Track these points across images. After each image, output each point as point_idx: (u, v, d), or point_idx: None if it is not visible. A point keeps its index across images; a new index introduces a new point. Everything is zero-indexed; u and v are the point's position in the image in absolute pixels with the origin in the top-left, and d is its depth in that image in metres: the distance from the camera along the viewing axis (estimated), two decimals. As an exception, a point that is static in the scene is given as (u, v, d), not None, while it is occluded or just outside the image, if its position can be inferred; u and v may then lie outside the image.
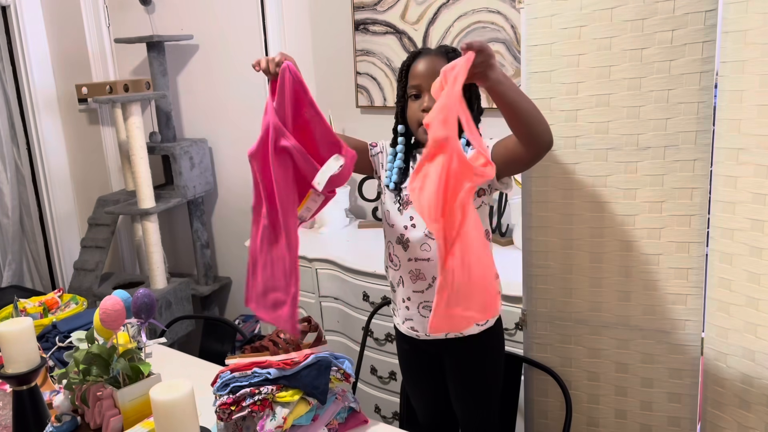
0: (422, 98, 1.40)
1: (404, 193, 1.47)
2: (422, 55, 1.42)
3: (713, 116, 1.39)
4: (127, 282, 3.06)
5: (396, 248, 1.48)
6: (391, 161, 1.50)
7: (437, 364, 1.56)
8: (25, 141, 3.34)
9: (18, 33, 3.14)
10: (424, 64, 1.40)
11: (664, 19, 1.38)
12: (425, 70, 1.39)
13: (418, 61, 1.41)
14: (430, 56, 1.40)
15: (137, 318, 1.38)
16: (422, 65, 1.40)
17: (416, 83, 1.40)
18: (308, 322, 1.37)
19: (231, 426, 1.28)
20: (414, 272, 1.46)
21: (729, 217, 1.39)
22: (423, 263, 1.45)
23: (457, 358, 1.52)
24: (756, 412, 1.40)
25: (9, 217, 3.34)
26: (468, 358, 1.51)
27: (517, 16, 2.15)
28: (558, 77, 1.51)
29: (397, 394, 2.02)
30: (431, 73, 1.36)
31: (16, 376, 1.28)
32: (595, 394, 1.65)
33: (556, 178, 1.56)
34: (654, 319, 1.54)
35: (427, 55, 1.41)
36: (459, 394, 1.56)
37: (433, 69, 1.36)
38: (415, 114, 1.41)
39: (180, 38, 2.83)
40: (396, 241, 1.48)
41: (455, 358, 1.52)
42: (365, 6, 2.53)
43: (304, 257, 2.34)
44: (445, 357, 1.54)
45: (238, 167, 2.96)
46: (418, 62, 1.41)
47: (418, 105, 1.40)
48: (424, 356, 1.56)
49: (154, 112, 2.94)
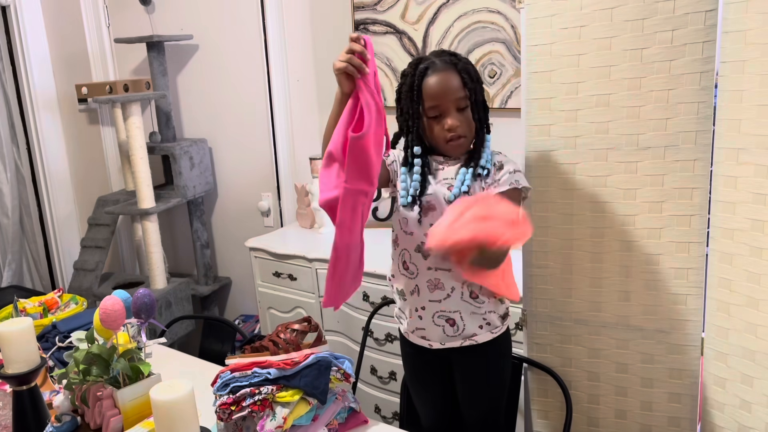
0: (444, 118, 1.37)
1: (425, 200, 1.42)
2: (432, 71, 1.37)
3: (713, 116, 1.39)
4: (127, 282, 3.06)
5: (414, 256, 1.45)
6: (405, 180, 1.44)
7: (446, 369, 1.55)
8: (25, 141, 3.34)
9: (18, 33, 3.14)
10: (440, 83, 1.36)
11: (664, 19, 1.38)
12: (443, 90, 1.36)
13: (429, 77, 1.36)
14: (441, 72, 1.36)
15: (137, 318, 1.38)
16: (437, 84, 1.36)
17: (436, 104, 1.37)
18: (308, 322, 1.37)
19: (231, 426, 1.28)
20: (433, 281, 1.44)
21: (729, 217, 1.39)
22: (443, 273, 1.43)
23: (469, 365, 1.51)
24: (756, 412, 1.40)
25: (9, 217, 3.34)
26: (481, 365, 1.51)
27: (517, 16, 2.15)
28: (558, 77, 1.51)
29: (397, 394, 2.02)
30: (447, 90, 1.35)
31: (16, 376, 1.28)
32: (595, 394, 1.65)
33: (556, 178, 1.56)
34: (654, 319, 1.54)
35: (438, 72, 1.37)
36: (470, 400, 1.55)
37: (449, 86, 1.35)
38: (442, 134, 1.39)
39: (180, 38, 2.83)
40: (415, 249, 1.45)
41: (467, 364, 1.52)
42: (365, 6, 2.53)
43: (304, 257, 2.34)
44: (455, 363, 1.53)
45: (238, 167, 2.96)
46: (430, 79, 1.36)
47: (442, 126, 1.38)
48: (434, 362, 1.54)
49: (154, 112, 2.94)
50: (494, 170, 1.42)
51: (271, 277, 2.48)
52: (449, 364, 1.54)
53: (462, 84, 1.37)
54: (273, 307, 2.53)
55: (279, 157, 2.78)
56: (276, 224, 2.88)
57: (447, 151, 1.43)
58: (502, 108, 2.28)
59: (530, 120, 1.57)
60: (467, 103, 1.38)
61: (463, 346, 1.48)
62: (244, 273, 3.04)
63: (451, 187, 1.41)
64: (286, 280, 2.43)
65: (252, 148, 2.86)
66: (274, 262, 2.45)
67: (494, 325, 1.48)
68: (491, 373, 1.53)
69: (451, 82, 1.36)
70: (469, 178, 1.40)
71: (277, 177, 2.81)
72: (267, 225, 2.91)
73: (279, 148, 2.78)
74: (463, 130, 1.38)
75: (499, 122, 2.33)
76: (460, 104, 1.37)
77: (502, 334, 1.51)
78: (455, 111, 1.37)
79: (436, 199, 1.42)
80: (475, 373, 1.52)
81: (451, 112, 1.37)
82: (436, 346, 1.49)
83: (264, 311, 2.57)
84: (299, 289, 2.41)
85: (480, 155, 1.42)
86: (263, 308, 2.57)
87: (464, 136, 1.40)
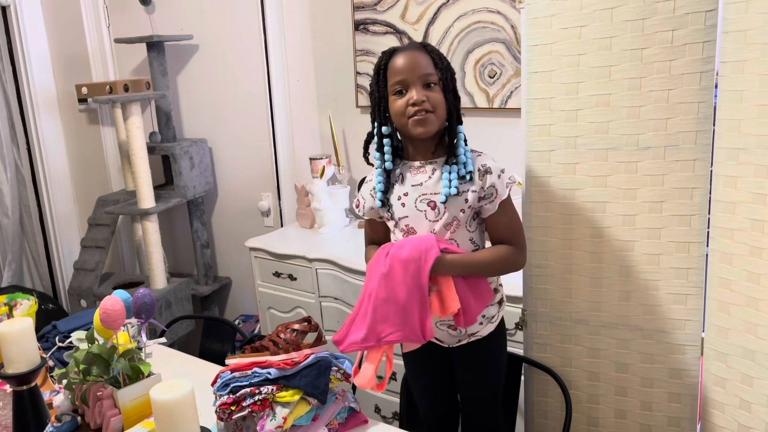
0: (409, 92, 1.35)
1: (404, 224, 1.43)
2: (399, 52, 1.38)
3: (713, 116, 1.39)
4: (127, 282, 3.06)
5: None
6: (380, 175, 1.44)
7: (446, 359, 1.56)
8: (25, 141, 3.34)
9: (18, 33, 3.14)
10: (405, 59, 1.36)
11: (664, 19, 1.38)
12: (408, 63, 1.35)
13: (396, 57, 1.37)
14: (408, 51, 1.37)
15: (137, 318, 1.38)
16: (403, 60, 1.36)
17: (400, 78, 1.35)
18: (308, 322, 1.37)
19: (231, 426, 1.28)
20: None
21: (729, 217, 1.39)
22: None
23: (469, 357, 1.52)
24: (756, 412, 1.40)
25: (9, 217, 3.34)
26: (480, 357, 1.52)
27: (517, 16, 2.15)
28: (558, 77, 1.51)
29: (397, 394, 2.02)
30: (414, 66, 1.34)
31: (16, 376, 1.28)
32: (595, 394, 1.65)
33: (557, 178, 1.56)
34: (654, 319, 1.54)
35: (405, 51, 1.37)
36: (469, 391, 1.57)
37: (416, 61, 1.34)
38: (403, 108, 1.36)
39: (180, 38, 2.83)
40: None
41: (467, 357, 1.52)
42: (365, 6, 2.53)
43: (304, 257, 2.34)
44: (455, 354, 1.54)
45: (238, 167, 2.96)
46: (396, 59, 1.37)
47: (406, 99, 1.35)
48: (436, 354, 1.55)
49: (154, 112, 2.94)
50: (479, 176, 1.37)
51: (271, 277, 2.48)
52: (450, 354, 1.55)
53: (432, 63, 1.36)
54: (273, 307, 2.53)
55: (279, 157, 2.78)
56: (276, 224, 2.88)
57: (413, 132, 1.37)
58: (502, 108, 2.28)
59: (530, 120, 1.57)
60: (437, 81, 1.36)
61: (469, 342, 1.50)
62: (244, 273, 3.04)
63: (431, 202, 1.39)
64: (286, 280, 2.43)
65: (252, 148, 2.86)
66: (274, 262, 2.45)
67: (490, 315, 1.49)
68: (489, 360, 1.54)
69: (419, 59, 1.35)
70: (455, 177, 1.36)
71: (277, 177, 2.81)
72: (267, 225, 2.91)
73: (279, 148, 2.77)
74: (430, 105, 1.34)
75: (499, 122, 2.35)
76: (427, 80, 1.35)
77: (498, 328, 1.52)
78: (421, 86, 1.34)
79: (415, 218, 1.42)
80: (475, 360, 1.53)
81: (417, 87, 1.34)
82: (446, 346, 1.52)
83: (264, 311, 2.57)
84: (299, 289, 2.41)
85: (455, 150, 1.38)
86: (263, 308, 2.57)
87: (431, 111, 1.35)
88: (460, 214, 1.38)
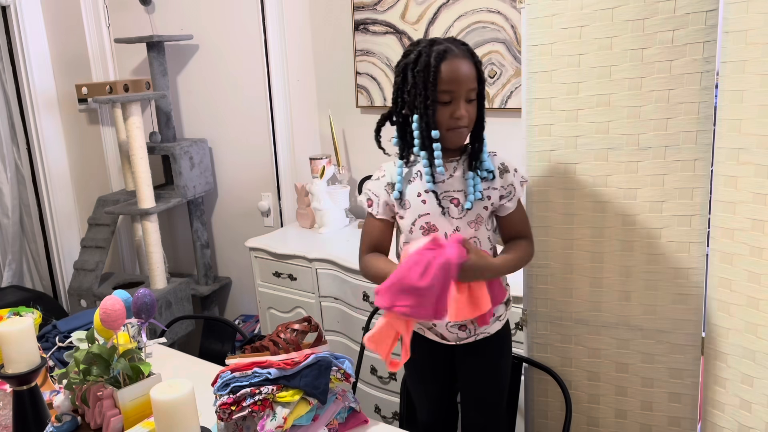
0: (454, 103, 1.33)
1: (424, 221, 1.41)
2: (451, 57, 1.31)
3: (714, 116, 1.39)
4: (127, 282, 3.06)
5: None
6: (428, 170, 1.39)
7: (448, 364, 1.55)
8: (25, 141, 3.33)
9: (18, 33, 3.14)
10: (458, 69, 1.31)
11: (664, 19, 1.38)
12: (460, 75, 1.31)
13: (448, 63, 1.31)
14: (459, 59, 1.32)
15: (137, 318, 1.38)
16: (455, 70, 1.31)
17: (451, 89, 1.31)
18: (308, 322, 1.37)
19: (231, 426, 1.28)
20: None
21: (729, 217, 1.39)
22: None
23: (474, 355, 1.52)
24: (756, 412, 1.40)
25: (9, 217, 3.34)
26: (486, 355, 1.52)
27: (517, 16, 2.15)
28: (558, 77, 1.51)
29: (397, 394, 2.02)
30: (465, 79, 1.32)
31: (16, 376, 1.28)
32: (595, 394, 1.65)
33: (557, 177, 1.56)
34: (654, 319, 1.54)
35: (456, 58, 1.32)
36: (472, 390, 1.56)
37: (466, 74, 1.32)
38: (446, 121, 1.34)
39: (180, 38, 2.83)
40: None
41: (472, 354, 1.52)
42: (365, 6, 2.53)
43: (304, 257, 2.34)
44: (458, 358, 1.53)
45: (238, 167, 2.96)
46: (449, 65, 1.31)
47: (450, 111, 1.33)
48: (438, 355, 1.54)
49: (154, 112, 2.93)
50: (500, 174, 1.41)
51: (271, 277, 2.48)
52: (452, 359, 1.54)
53: (476, 75, 1.35)
54: (273, 307, 2.53)
55: (279, 157, 2.78)
56: (276, 224, 2.88)
57: (446, 140, 1.37)
58: (502, 108, 2.28)
59: (531, 120, 1.57)
60: (475, 96, 1.37)
61: (477, 340, 1.49)
62: (244, 273, 3.04)
63: (454, 199, 1.40)
64: (286, 280, 2.43)
65: (252, 148, 2.86)
66: (274, 262, 2.45)
67: (499, 314, 1.50)
68: (495, 359, 1.54)
69: (468, 71, 1.33)
70: (479, 182, 1.39)
71: (277, 177, 2.81)
72: (267, 225, 2.91)
73: (279, 148, 2.77)
74: (468, 121, 1.36)
75: (499, 122, 2.35)
76: (471, 95, 1.35)
77: (504, 327, 1.53)
78: (465, 101, 1.34)
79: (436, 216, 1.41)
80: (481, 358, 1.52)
81: (462, 100, 1.34)
82: (451, 343, 1.50)
83: (264, 311, 2.57)
84: (299, 289, 2.41)
85: (480, 156, 1.40)
86: (263, 308, 2.57)
87: (467, 127, 1.37)
88: (484, 211, 1.41)
